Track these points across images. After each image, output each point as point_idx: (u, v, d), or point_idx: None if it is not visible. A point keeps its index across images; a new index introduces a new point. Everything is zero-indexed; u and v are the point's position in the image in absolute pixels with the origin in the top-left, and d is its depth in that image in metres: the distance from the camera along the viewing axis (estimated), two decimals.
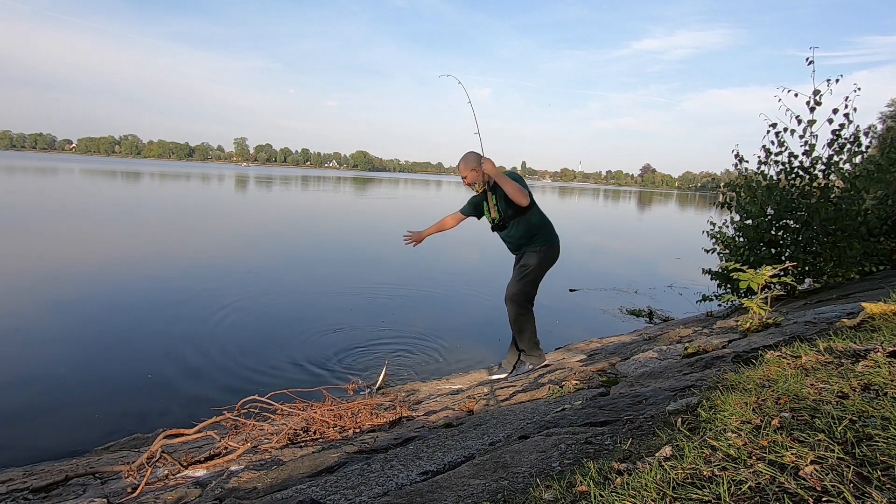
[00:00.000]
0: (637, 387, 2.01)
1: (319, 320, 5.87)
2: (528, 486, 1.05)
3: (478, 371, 4.30)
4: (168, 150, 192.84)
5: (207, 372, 4.35)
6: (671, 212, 41.87)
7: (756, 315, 2.65)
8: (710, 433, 0.95)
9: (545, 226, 3.44)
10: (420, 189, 58.31)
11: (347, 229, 16.35)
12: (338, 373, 4.40)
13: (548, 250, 3.40)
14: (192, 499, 1.87)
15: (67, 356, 4.53)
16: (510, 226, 3.41)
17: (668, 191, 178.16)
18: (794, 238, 4.57)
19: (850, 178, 4.39)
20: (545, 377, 3.06)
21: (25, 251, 9.04)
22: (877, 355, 1.18)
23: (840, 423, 0.88)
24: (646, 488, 0.80)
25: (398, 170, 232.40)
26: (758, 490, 0.74)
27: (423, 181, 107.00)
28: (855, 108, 4.25)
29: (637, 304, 7.29)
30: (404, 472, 1.50)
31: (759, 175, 4.73)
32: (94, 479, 2.36)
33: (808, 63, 4.31)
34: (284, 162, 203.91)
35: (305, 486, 1.53)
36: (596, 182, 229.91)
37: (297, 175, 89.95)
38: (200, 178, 50.57)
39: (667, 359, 2.62)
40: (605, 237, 18.75)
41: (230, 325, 5.57)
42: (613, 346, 4.20)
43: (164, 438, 2.41)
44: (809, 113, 4.35)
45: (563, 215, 26.73)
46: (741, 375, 1.26)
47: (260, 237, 13.17)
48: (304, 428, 2.63)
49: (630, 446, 1.10)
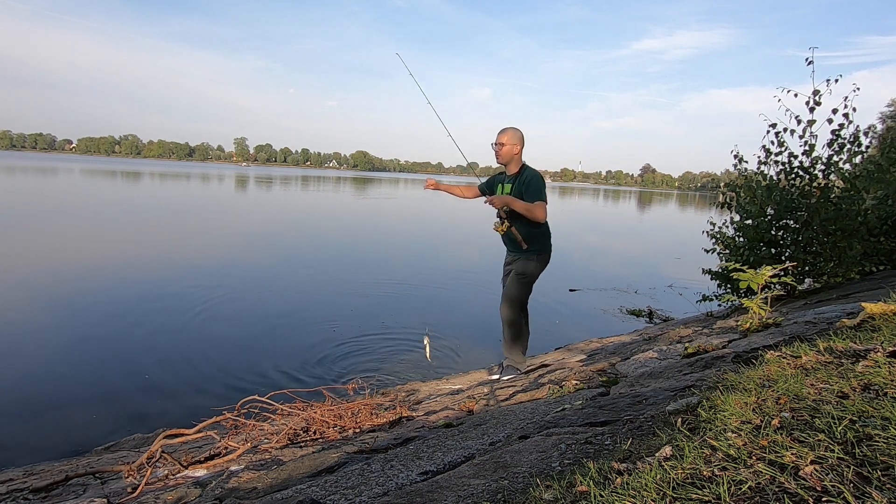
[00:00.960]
0: (637, 387, 2.01)
1: (320, 320, 5.87)
2: (528, 486, 1.05)
3: (478, 371, 4.30)
4: (168, 150, 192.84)
5: (207, 372, 4.35)
6: (671, 212, 41.87)
7: (756, 315, 2.65)
8: (710, 433, 0.95)
9: (545, 233, 3.38)
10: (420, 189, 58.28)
11: (347, 229, 16.35)
12: (338, 373, 4.40)
13: (544, 258, 3.38)
14: (192, 499, 1.87)
15: (67, 356, 4.52)
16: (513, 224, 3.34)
17: (668, 191, 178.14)
18: (794, 238, 4.57)
19: (850, 178, 4.39)
20: (545, 377, 3.06)
21: (26, 251, 9.04)
22: (877, 355, 1.18)
23: (840, 423, 0.88)
24: (646, 488, 0.80)
25: (398, 170, 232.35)
26: (758, 490, 0.74)
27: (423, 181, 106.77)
28: (854, 108, 4.25)
29: (637, 304, 7.29)
30: (404, 472, 1.50)
31: (759, 175, 4.73)
32: (94, 479, 2.36)
33: (808, 63, 4.31)
34: (284, 162, 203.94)
35: (305, 486, 1.53)
36: (596, 182, 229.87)
37: (297, 175, 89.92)
38: (200, 178, 50.56)
39: (667, 359, 2.62)
40: (606, 237, 18.75)
41: (230, 325, 5.57)
42: (613, 346, 4.20)
43: (164, 438, 2.41)
44: (809, 113, 4.35)
45: (564, 215, 26.73)
46: (741, 375, 1.26)
47: (260, 237, 13.18)
48: (304, 428, 2.63)
49: (630, 446, 1.10)
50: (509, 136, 3.28)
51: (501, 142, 3.27)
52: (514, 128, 3.33)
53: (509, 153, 3.28)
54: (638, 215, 34.70)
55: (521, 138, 3.30)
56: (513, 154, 3.29)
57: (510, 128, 3.32)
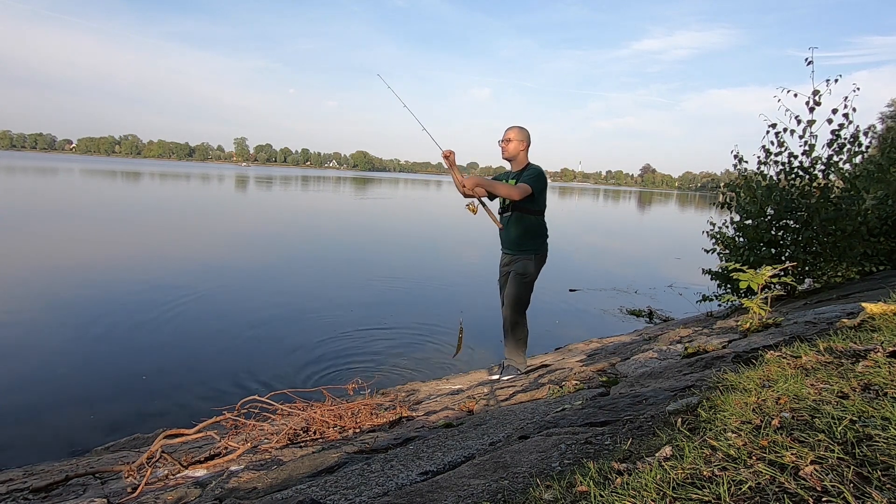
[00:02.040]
0: (637, 387, 2.01)
1: (320, 320, 5.88)
2: (528, 486, 1.05)
3: (478, 371, 4.30)
4: (168, 150, 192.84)
5: (207, 372, 4.35)
6: (671, 212, 41.87)
7: (756, 315, 2.65)
8: (710, 433, 0.95)
9: (542, 233, 3.35)
10: (420, 189, 58.30)
11: (348, 229, 16.35)
12: (338, 373, 4.40)
13: (541, 257, 3.36)
14: (192, 499, 1.87)
15: (67, 356, 4.53)
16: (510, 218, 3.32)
17: (668, 191, 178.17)
18: (794, 238, 4.57)
19: (850, 178, 4.39)
20: (545, 377, 3.06)
21: (26, 251, 9.04)
22: (877, 355, 1.18)
23: (840, 423, 0.88)
24: (646, 488, 0.80)
25: (398, 170, 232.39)
26: (758, 490, 0.74)
27: (423, 181, 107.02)
28: (854, 108, 4.25)
29: (637, 304, 7.29)
30: (404, 472, 1.50)
31: (759, 175, 4.73)
32: (94, 479, 2.36)
33: (808, 63, 4.31)
34: (284, 162, 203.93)
35: (305, 486, 1.53)
36: (596, 182, 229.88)
37: (297, 175, 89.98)
38: (200, 178, 50.57)
39: (667, 359, 2.62)
40: (606, 237, 18.75)
41: (230, 325, 5.57)
42: (613, 346, 4.20)
43: (164, 438, 2.41)
44: (809, 113, 4.35)
45: (564, 215, 26.73)
46: (741, 375, 1.26)
47: (260, 237, 13.18)
48: (304, 428, 2.63)
49: (630, 446, 1.10)
50: (517, 132, 3.30)
51: (509, 137, 3.29)
52: (521, 126, 3.35)
53: (516, 149, 3.29)
54: (638, 215, 34.70)
55: (527, 136, 3.31)
56: (519, 150, 3.30)
57: (518, 126, 3.34)
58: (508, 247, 3.43)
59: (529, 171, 3.26)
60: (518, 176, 3.29)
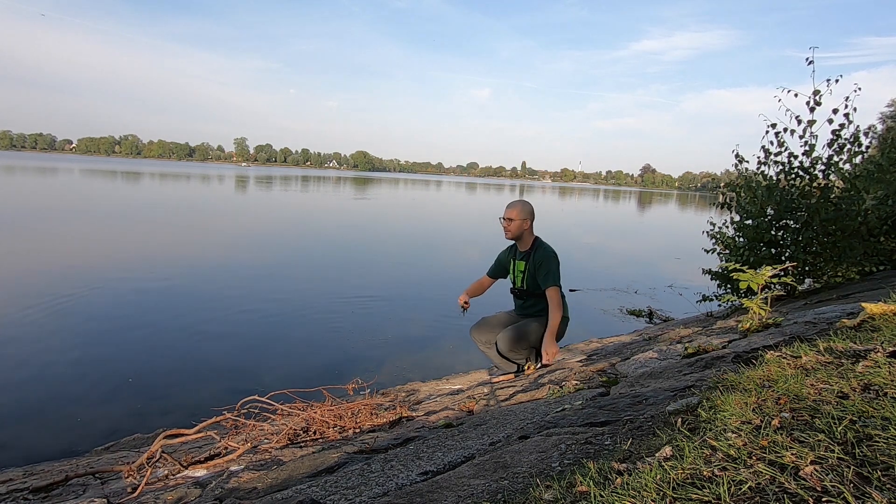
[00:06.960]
0: (637, 387, 2.01)
1: (320, 320, 5.88)
2: (528, 486, 1.05)
3: (478, 371, 4.30)
4: (168, 151, 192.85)
5: (207, 372, 4.35)
6: (671, 212, 41.87)
7: (756, 315, 2.65)
8: (710, 433, 0.95)
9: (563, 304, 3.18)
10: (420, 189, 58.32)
11: (349, 230, 16.34)
12: (338, 373, 4.40)
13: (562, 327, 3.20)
14: (192, 499, 1.87)
15: (67, 356, 4.53)
16: (527, 299, 3.23)
17: (668, 191, 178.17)
18: (794, 238, 4.57)
19: (850, 178, 4.39)
20: (545, 377, 3.06)
21: (26, 251, 9.04)
22: (877, 355, 1.18)
23: (840, 423, 0.88)
24: (646, 488, 0.80)
25: (398, 170, 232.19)
26: (758, 490, 0.74)
27: (423, 181, 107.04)
28: (855, 108, 4.25)
29: (637, 304, 7.29)
30: (404, 472, 1.50)
31: (759, 175, 4.73)
32: (94, 479, 2.36)
33: (808, 63, 4.31)
34: (284, 162, 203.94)
35: (305, 487, 1.53)
36: (596, 182, 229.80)
37: (298, 175, 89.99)
38: (200, 178, 50.57)
39: (667, 359, 2.62)
40: (606, 237, 18.75)
41: (230, 326, 5.57)
42: (613, 346, 4.20)
43: (164, 438, 2.41)
44: (809, 113, 4.35)
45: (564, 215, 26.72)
46: (741, 375, 1.26)
47: (261, 237, 13.18)
48: (304, 428, 2.63)
49: (630, 446, 1.10)
50: (518, 210, 3.12)
51: (510, 217, 3.12)
52: (522, 201, 3.19)
53: (519, 228, 3.14)
54: (638, 215, 34.70)
55: (530, 212, 3.14)
56: (523, 229, 3.15)
57: (518, 201, 3.18)
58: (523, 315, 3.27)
59: (539, 255, 3.09)
60: (527, 256, 3.15)
